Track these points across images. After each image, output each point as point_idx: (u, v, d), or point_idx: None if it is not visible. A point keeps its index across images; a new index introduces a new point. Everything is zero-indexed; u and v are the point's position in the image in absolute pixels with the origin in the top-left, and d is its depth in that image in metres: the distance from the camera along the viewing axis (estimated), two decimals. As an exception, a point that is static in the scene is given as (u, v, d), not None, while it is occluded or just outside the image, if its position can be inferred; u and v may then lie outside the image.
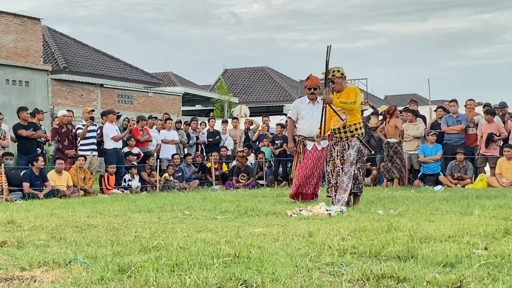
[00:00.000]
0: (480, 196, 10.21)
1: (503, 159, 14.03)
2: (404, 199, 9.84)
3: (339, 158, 8.79)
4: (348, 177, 8.68)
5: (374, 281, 3.49)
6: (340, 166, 8.77)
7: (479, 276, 3.54)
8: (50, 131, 15.75)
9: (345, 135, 8.80)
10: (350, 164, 8.71)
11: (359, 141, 8.81)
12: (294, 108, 9.98)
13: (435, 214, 7.38)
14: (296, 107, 9.89)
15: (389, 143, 14.43)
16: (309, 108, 9.74)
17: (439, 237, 5.17)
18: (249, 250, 4.57)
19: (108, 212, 8.57)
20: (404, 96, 63.54)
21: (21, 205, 10.96)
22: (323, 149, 9.68)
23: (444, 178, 14.70)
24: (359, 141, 8.82)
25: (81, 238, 5.75)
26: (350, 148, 8.76)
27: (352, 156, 8.73)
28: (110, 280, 3.68)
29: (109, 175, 14.97)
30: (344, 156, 8.78)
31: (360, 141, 8.83)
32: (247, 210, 8.27)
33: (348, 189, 8.66)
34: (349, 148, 8.76)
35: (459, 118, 15.29)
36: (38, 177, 13.40)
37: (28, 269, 4.11)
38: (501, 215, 6.89)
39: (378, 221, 6.61)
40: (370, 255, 4.38)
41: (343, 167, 8.74)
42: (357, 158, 8.79)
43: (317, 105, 9.64)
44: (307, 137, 9.71)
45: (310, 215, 7.50)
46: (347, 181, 8.67)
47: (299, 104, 9.86)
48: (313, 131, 9.55)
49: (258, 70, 50.07)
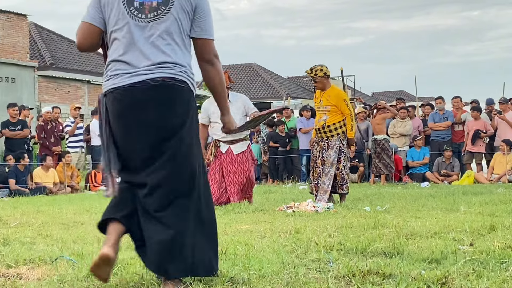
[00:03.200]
0: (466, 193, 10.26)
1: (499, 154, 14.13)
2: (390, 196, 9.88)
3: (320, 159, 8.77)
4: (328, 178, 8.60)
5: (360, 277, 3.51)
6: (321, 167, 8.75)
7: (464, 272, 3.56)
8: (35, 128, 15.69)
9: (325, 135, 8.76)
10: (330, 165, 8.64)
11: (339, 141, 8.73)
12: (204, 112, 8.71)
13: (422, 211, 7.41)
14: (206, 110, 8.68)
15: (376, 140, 14.46)
16: None
17: (425, 234, 5.19)
18: (236, 247, 4.57)
19: (95, 209, 8.54)
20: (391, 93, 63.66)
21: (8, 202, 10.91)
22: (243, 153, 8.77)
23: (431, 174, 14.77)
24: (339, 140, 8.73)
25: (67, 235, 5.73)
26: (330, 149, 8.69)
27: (332, 157, 8.65)
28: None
29: (96, 172, 14.94)
30: (323, 157, 8.74)
31: (341, 141, 8.73)
32: (234, 207, 8.27)
33: (328, 190, 8.59)
34: (329, 148, 8.69)
35: (445, 115, 15.36)
36: (24, 174, 13.36)
37: (14, 266, 4.09)
38: (487, 212, 6.94)
39: (365, 217, 6.63)
40: (357, 251, 4.39)
41: (323, 168, 8.69)
42: (338, 158, 8.69)
43: (231, 104, 8.06)
44: (221, 140, 8.74)
45: (297, 212, 7.51)
46: (327, 182, 8.60)
47: (209, 107, 8.63)
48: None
49: (245, 67, 50.00)
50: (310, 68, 8.78)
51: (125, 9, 3.33)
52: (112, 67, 3.36)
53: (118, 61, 3.34)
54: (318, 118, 8.88)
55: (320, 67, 8.74)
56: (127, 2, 3.34)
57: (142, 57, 3.30)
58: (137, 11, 3.32)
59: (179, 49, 3.36)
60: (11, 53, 24.59)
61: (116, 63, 3.35)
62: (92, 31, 3.43)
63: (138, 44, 3.31)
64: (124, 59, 3.32)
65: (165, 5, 3.32)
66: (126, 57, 3.32)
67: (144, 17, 3.32)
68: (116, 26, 3.36)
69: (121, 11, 3.34)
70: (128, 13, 3.33)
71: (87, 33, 3.44)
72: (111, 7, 3.36)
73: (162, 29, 3.32)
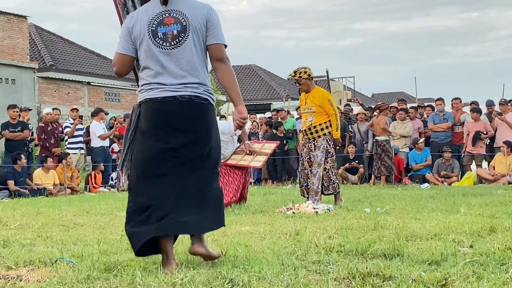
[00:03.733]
0: (466, 194, 10.27)
1: (500, 155, 14.13)
2: (390, 197, 9.88)
3: (307, 160, 8.77)
4: (317, 178, 8.60)
5: (360, 279, 3.51)
6: (309, 168, 8.74)
7: (464, 274, 3.56)
8: (36, 129, 15.70)
9: (311, 136, 8.75)
10: (318, 165, 8.63)
11: (325, 141, 8.72)
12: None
13: (421, 212, 7.41)
14: None
15: (378, 141, 14.45)
16: None
17: (425, 235, 5.19)
18: (236, 248, 4.57)
19: (95, 211, 8.55)
20: (391, 94, 63.68)
21: (8, 203, 10.91)
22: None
23: (431, 176, 14.77)
24: (326, 141, 8.72)
25: (67, 237, 5.73)
26: (317, 149, 8.68)
27: (319, 157, 8.65)
28: (97, 279, 3.67)
29: (96, 173, 14.93)
30: (311, 158, 8.73)
31: (327, 141, 8.72)
32: (234, 208, 8.28)
33: (319, 190, 8.60)
34: (316, 149, 8.69)
35: (445, 116, 15.36)
36: (21, 174, 13.35)
37: (14, 268, 4.09)
38: (487, 213, 6.94)
39: (365, 219, 6.64)
40: (357, 253, 4.39)
41: (311, 169, 8.69)
42: (324, 158, 8.68)
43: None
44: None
45: (297, 213, 7.51)
46: (316, 183, 8.60)
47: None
48: None
49: (245, 68, 50.01)
50: (294, 71, 8.82)
51: (151, 41, 3.93)
52: (146, 87, 3.98)
53: (151, 83, 3.95)
54: (304, 120, 8.91)
55: (304, 69, 8.75)
56: (152, 35, 3.93)
57: (171, 78, 3.91)
58: (162, 41, 3.92)
59: (201, 68, 3.97)
60: (11, 54, 24.60)
61: (150, 85, 3.96)
62: (127, 60, 4.06)
63: (167, 69, 3.91)
64: (157, 81, 3.93)
65: (184, 32, 3.92)
66: (158, 79, 3.93)
67: (168, 45, 3.92)
68: (146, 56, 3.95)
69: (149, 42, 3.93)
70: (154, 44, 3.92)
71: (124, 62, 4.07)
72: (141, 40, 3.96)
73: (185, 53, 3.93)
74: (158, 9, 3.97)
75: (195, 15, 3.95)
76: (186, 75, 3.91)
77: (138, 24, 3.98)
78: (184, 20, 3.93)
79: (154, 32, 3.93)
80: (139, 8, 4.13)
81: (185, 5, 3.98)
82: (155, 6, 4.00)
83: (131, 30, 4.01)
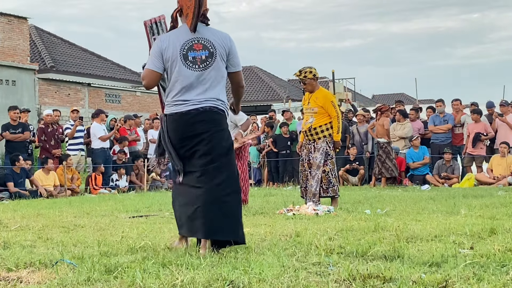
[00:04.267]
0: (466, 196, 10.27)
1: (496, 156, 14.13)
2: (391, 199, 9.88)
3: (307, 162, 8.76)
4: (315, 180, 8.58)
5: (360, 281, 3.51)
6: (308, 170, 8.73)
7: (464, 276, 3.56)
8: (36, 131, 15.70)
9: (311, 138, 8.73)
10: (317, 167, 8.61)
11: (325, 143, 8.67)
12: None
13: (422, 214, 7.41)
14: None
15: (379, 143, 14.46)
16: None
17: (425, 237, 5.19)
18: (236, 250, 4.57)
19: (95, 212, 8.55)
20: (391, 96, 63.70)
21: (8, 205, 10.91)
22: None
23: (431, 177, 14.77)
24: (326, 143, 8.67)
25: (68, 238, 5.73)
26: (316, 151, 8.65)
27: (318, 159, 8.62)
28: (97, 280, 3.67)
29: (96, 175, 14.93)
30: (310, 160, 8.72)
31: (327, 143, 8.68)
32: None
33: (317, 193, 8.56)
34: (315, 151, 8.67)
35: (445, 118, 15.36)
36: (21, 175, 13.35)
37: (15, 269, 4.09)
38: (487, 215, 6.93)
39: (365, 220, 6.63)
40: (357, 255, 4.39)
41: (311, 171, 8.67)
42: (324, 160, 8.63)
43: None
44: None
45: (298, 215, 7.51)
46: (315, 185, 8.58)
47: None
48: None
49: (246, 70, 49.97)
50: (299, 70, 8.78)
51: (182, 63, 4.68)
52: (173, 100, 4.73)
53: (178, 100, 4.70)
54: (305, 121, 8.87)
55: (309, 69, 8.71)
56: (184, 58, 4.68)
57: (196, 93, 4.70)
58: (192, 63, 4.69)
59: (219, 88, 4.78)
60: (12, 56, 24.60)
61: (178, 101, 4.71)
62: (156, 76, 4.77)
63: (193, 85, 4.69)
64: (183, 98, 4.70)
65: (211, 57, 4.71)
66: (185, 96, 4.70)
67: (197, 67, 4.69)
68: (177, 74, 4.69)
69: (180, 64, 4.68)
70: (185, 66, 4.69)
71: (153, 78, 4.77)
72: (173, 61, 4.69)
73: (210, 75, 4.71)
74: (188, 35, 4.72)
75: (219, 43, 4.76)
76: (208, 92, 4.72)
77: (170, 48, 4.69)
78: (211, 47, 4.72)
79: (185, 56, 4.68)
80: (169, 33, 4.83)
81: (209, 33, 4.78)
82: (184, 32, 4.74)
83: (164, 52, 4.71)
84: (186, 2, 4.76)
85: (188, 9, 4.74)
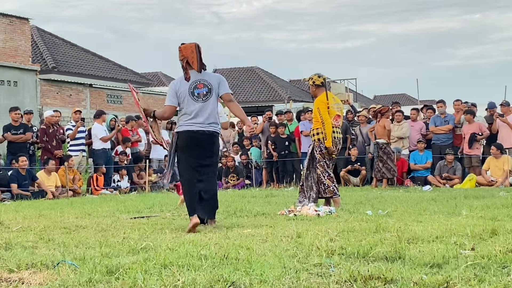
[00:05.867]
0: (468, 196, 10.26)
1: (492, 158, 14.11)
2: (392, 199, 9.88)
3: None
4: (306, 180, 8.72)
5: (361, 282, 3.51)
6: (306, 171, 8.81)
7: (465, 277, 3.56)
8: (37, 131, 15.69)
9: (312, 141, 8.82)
10: (306, 169, 8.77)
11: (311, 147, 8.70)
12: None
13: (423, 215, 7.41)
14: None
15: (379, 144, 14.44)
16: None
17: (426, 238, 5.19)
18: (238, 251, 4.57)
19: (96, 213, 8.56)
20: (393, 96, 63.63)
21: (10, 206, 10.92)
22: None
23: (433, 178, 14.76)
24: (312, 147, 8.69)
25: (69, 239, 5.74)
26: (308, 154, 8.80)
27: (306, 163, 8.78)
28: (98, 282, 3.68)
29: (97, 175, 14.93)
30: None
31: (314, 148, 8.67)
32: (236, 211, 8.28)
33: (305, 193, 8.67)
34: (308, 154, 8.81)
35: (446, 119, 15.35)
36: (25, 177, 13.35)
37: (16, 271, 4.10)
38: (489, 216, 6.93)
39: (367, 221, 6.63)
40: (358, 256, 4.39)
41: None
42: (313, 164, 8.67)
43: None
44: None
45: (299, 216, 7.51)
46: (305, 185, 8.73)
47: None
48: None
49: (247, 70, 50.06)
50: (309, 77, 8.86)
51: (190, 98, 6.69)
52: (185, 122, 6.68)
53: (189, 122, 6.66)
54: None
55: (311, 76, 8.77)
56: (191, 94, 6.68)
57: (202, 120, 6.65)
58: (197, 97, 6.69)
59: (216, 114, 6.78)
60: (13, 56, 24.62)
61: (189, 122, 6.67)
62: (174, 109, 6.87)
63: (199, 114, 6.66)
64: (193, 121, 6.65)
65: (209, 93, 6.72)
66: (193, 120, 6.65)
67: (200, 100, 6.69)
68: (186, 106, 6.69)
69: (189, 98, 6.68)
70: (192, 99, 6.68)
71: (172, 110, 6.87)
72: (183, 96, 6.71)
73: (209, 105, 6.71)
74: (193, 77, 6.71)
75: (214, 82, 6.76)
76: (210, 118, 6.68)
77: (181, 88, 6.69)
78: (209, 85, 6.72)
79: (192, 92, 6.68)
80: (178, 78, 6.81)
81: (207, 76, 6.79)
82: (192, 75, 6.70)
83: (177, 91, 6.70)
84: (189, 54, 6.65)
85: (193, 58, 6.65)
